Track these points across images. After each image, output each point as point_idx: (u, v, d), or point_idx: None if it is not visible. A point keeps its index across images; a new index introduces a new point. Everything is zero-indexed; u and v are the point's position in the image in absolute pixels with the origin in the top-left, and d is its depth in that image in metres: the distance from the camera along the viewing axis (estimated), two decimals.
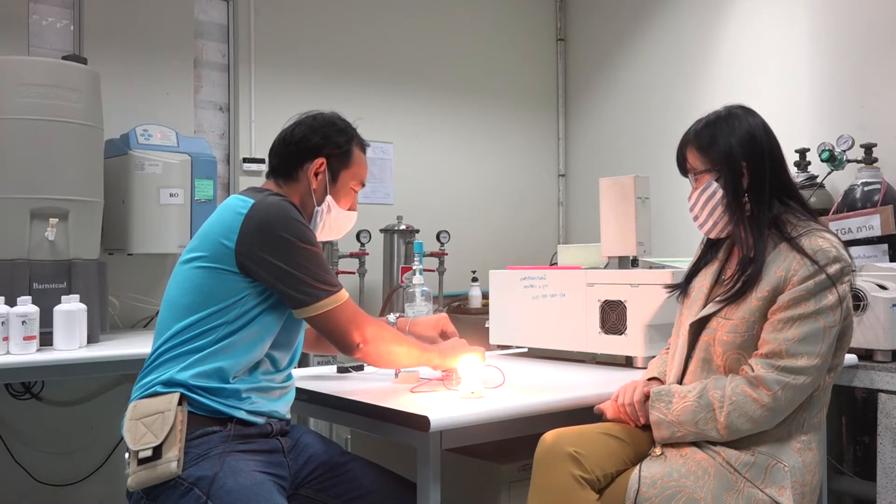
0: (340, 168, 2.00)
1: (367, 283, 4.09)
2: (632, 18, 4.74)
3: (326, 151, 1.98)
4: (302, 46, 4.16)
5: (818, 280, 1.71)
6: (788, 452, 1.74)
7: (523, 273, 2.71)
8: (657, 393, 1.82)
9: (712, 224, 1.89)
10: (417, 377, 2.10)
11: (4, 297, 2.65)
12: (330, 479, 1.89)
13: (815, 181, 3.29)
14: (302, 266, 1.79)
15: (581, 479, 1.71)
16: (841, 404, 3.07)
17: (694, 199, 1.91)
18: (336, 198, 2.01)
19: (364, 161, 2.06)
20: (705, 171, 1.88)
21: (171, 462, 1.65)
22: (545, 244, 4.97)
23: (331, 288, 1.82)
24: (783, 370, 1.71)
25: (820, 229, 1.80)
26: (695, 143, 1.90)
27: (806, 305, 1.72)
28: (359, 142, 2.05)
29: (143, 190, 3.25)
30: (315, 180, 1.97)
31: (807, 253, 1.74)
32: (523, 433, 1.86)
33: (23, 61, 2.99)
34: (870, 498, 2.63)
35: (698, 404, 1.75)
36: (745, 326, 1.78)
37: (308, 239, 1.82)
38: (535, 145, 5.12)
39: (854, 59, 3.52)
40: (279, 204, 1.83)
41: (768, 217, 1.82)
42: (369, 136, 2.16)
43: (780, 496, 1.69)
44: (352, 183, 2.04)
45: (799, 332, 1.71)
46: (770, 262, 1.78)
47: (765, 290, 1.76)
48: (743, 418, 1.71)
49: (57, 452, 3.40)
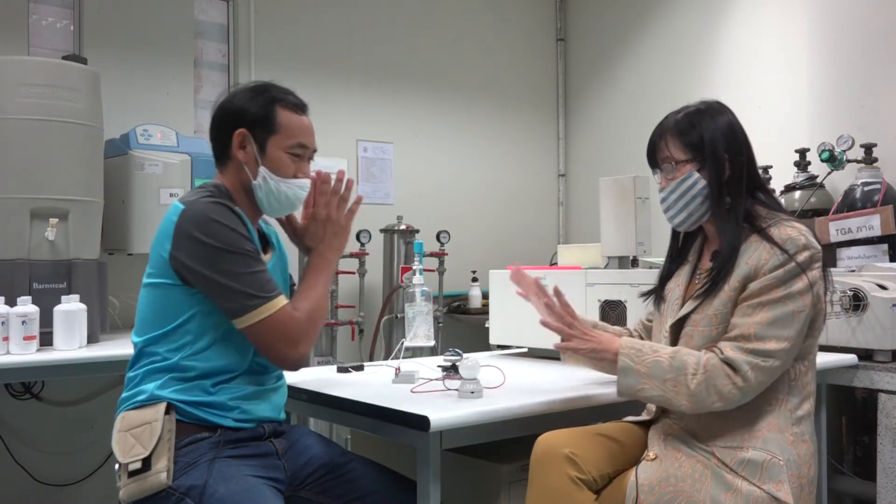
0: (266, 135, 1.84)
1: (367, 283, 4.09)
2: (632, 18, 4.74)
3: (245, 119, 1.83)
4: (302, 46, 4.17)
5: (788, 268, 1.73)
6: (782, 446, 1.73)
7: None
8: (628, 341, 1.82)
9: (686, 216, 1.87)
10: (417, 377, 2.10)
11: (4, 297, 2.65)
12: (330, 481, 1.87)
13: (815, 181, 3.29)
14: (227, 273, 1.70)
15: (577, 479, 1.71)
16: (841, 404, 3.07)
17: (670, 190, 1.87)
18: (273, 168, 1.84)
19: (298, 122, 1.87)
20: (686, 161, 1.86)
21: (160, 473, 1.64)
22: (545, 244, 4.97)
23: (261, 296, 1.71)
24: (752, 353, 1.71)
25: (788, 219, 1.82)
26: (675, 131, 1.87)
27: (776, 292, 1.73)
28: (285, 103, 1.86)
29: (143, 190, 3.24)
30: (242, 153, 1.84)
31: (776, 242, 1.75)
32: (523, 433, 1.86)
33: (23, 61, 2.99)
34: (870, 498, 2.63)
35: (670, 364, 1.74)
36: (719, 319, 1.79)
37: (233, 243, 1.71)
38: (535, 145, 5.12)
39: (854, 59, 3.52)
40: (203, 206, 1.74)
41: (743, 210, 1.83)
42: (369, 136, 2.14)
43: (779, 491, 1.68)
44: (287, 148, 1.86)
45: (768, 316, 1.72)
46: (741, 254, 1.79)
47: (736, 282, 1.77)
48: (713, 391, 1.70)
49: (57, 452, 3.40)
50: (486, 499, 2.07)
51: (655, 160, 1.93)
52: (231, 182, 1.88)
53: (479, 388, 1.88)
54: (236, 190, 1.87)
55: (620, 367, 1.79)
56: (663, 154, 1.90)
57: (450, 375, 2.03)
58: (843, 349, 2.60)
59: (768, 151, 3.71)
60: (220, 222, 1.72)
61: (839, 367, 2.54)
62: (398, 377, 2.12)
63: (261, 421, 1.82)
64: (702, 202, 1.85)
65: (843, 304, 2.56)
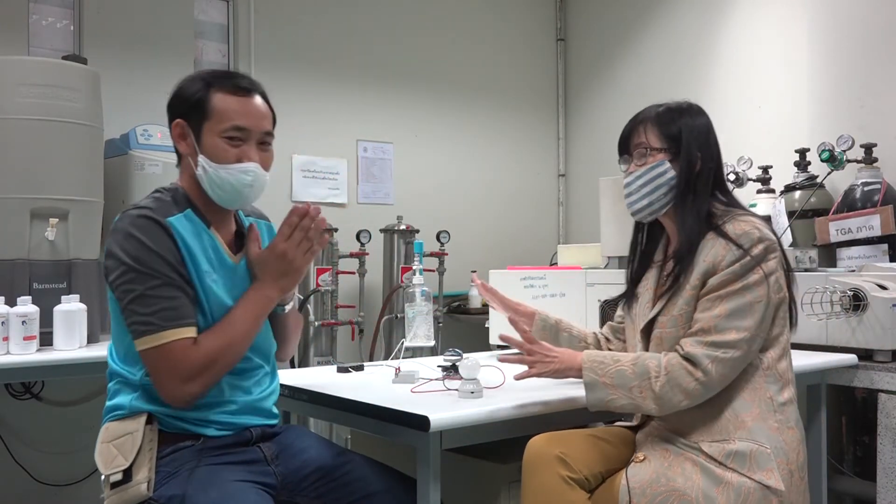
0: (200, 122, 1.74)
1: (367, 283, 4.09)
2: (632, 18, 4.74)
3: (180, 109, 1.75)
4: (302, 46, 4.17)
5: (744, 262, 1.75)
6: (768, 434, 1.74)
7: (523, 273, 2.71)
8: (590, 354, 1.82)
9: (647, 203, 1.88)
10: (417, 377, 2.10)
11: (4, 297, 2.65)
12: (326, 485, 1.82)
13: (815, 181, 3.29)
14: (129, 292, 1.63)
15: (569, 479, 1.72)
16: (841, 404, 3.07)
17: (637, 175, 1.88)
18: (210, 155, 1.73)
19: (234, 103, 1.74)
20: (660, 149, 1.87)
21: (140, 484, 1.62)
22: (545, 244, 4.97)
23: (154, 323, 1.62)
24: (712, 345, 1.73)
25: (742, 214, 1.84)
26: (655, 121, 1.89)
27: (733, 285, 1.75)
28: (219, 86, 1.75)
29: (143, 190, 3.20)
30: (184, 144, 1.76)
31: (731, 238, 1.77)
32: (523, 433, 1.85)
33: (23, 61, 2.99)
34: (870, 498, 2.63)
35: (633, 370, 1.76)
36: (684, 319, 1.81)
37: (143, 261, 1.63)
38: (535, 145, 5.12)
39: (854, 59, 3.51)
40: (129, 220, 1.67)
41: (705, 209, 1.85)
42: (369, 136, 2.13)
43: (769, 479, 1.69)
44: (221, 133, 1.73)
45: (726, 308, 1.74)
46: (699, 252, 1.81)
47: (696, 279, 1.79)
48: (676, 390, 1.72)
49: (57, 452, 3.40)
50: (486, 499, 2.07)
51: (628, 146, 1.93)
52: (187, 180, 1.80)
53: (479, 388, 1.88)
54: (192, 188, 1.79)
55: (586, 383, 1.79)
56: (638, 140, 1.91)
57: (450, 375, 2.03)
58: (843, 349, 2.60)
59: (768, 151, 3.72)
60: (136, 238, 1.64)
61: (839, 367, 2.54)
62: (398, 377, 2.12)
63: (246, 425, 1.80)
64: (666, 192, 1.87)
65: (843, 304, 2.56)
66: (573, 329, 2.13)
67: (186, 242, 1.71)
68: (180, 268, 1.69)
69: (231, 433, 1.77)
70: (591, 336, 2.14)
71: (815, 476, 2.53)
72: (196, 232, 1.75)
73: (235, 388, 1.79)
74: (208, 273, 1.74)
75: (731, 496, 1.68)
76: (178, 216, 1.73)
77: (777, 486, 1.69)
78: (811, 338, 2.67)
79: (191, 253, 1.72)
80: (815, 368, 2.49)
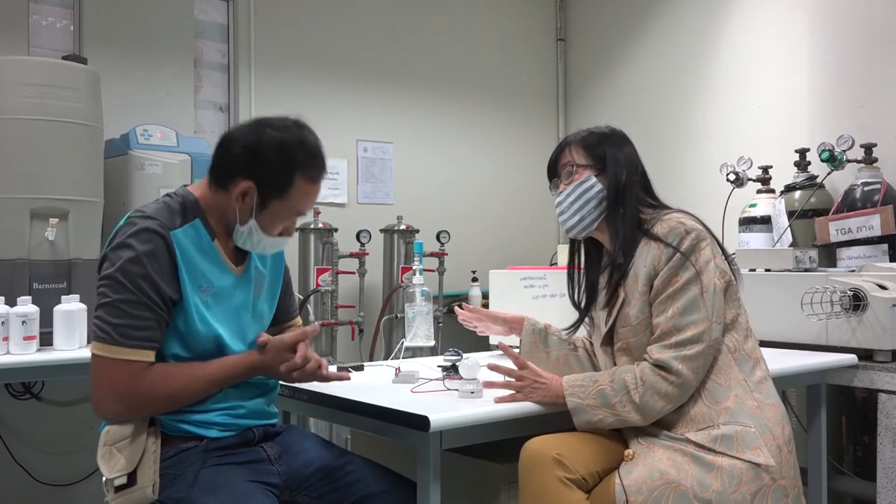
0: (273, 198, 1.74)
1: (367, 283, 4.09)
2: (632, 18, 4.74)
3: (258, 178, 1.72)
4: (302, 46, 4.17)
5: (676, 258, 1.80)
6: (749, 414, 1.77)
7: (523, 273, 2.71)
8: (570, 380, 1.84)
9: (579, 219, 1.93)
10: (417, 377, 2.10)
11: (4, 297, 2.65)
12: (327, 486, 1.84)
13: (815, 181, 3.29)
14: (102, 295, 1.64)
15: (566, 480, 1.73)
16: (841, 404, 3.07)
17: (566, 194, 1.94)
18: (263, 224, 1.76)
19: (311, 190, 1.77)
20: (586, 166, 1.94)
21: (146, 488, 1.63)
22: (545, 244, 4.97)
23: (109, 335, 1.62)
24: (676, 346, 1.77)
25: (667, 212, 1.90)
26: (580, 142, 1.97)
27: (675, 281, 1.80)
28: (307, 174, 1.75)
29: (143, 190, 3.24)
30: (240, 202, 1.74)
31: (660, 238, 1.83)
32: (523, 433, 1.86)
33: (23, 61, 2.99)
34: (870, 498, 2.63)
35: (612, 387, 1.79)
36: (643, 326, 1.84)
37: (126, 272, 1.62)
38: (535, 145, 5.11)
39: (854, 59, 3.51)
40: (132, 229, 1.67)
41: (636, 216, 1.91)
42: (369, 135, 2.12)
43: (758, 457, 1.73)
44: (288, 214, 1.79)
45: (677, 307, 1.78)
46: (637, 258, 1.86)
47: (643, 286, 1.84)
48: (656, 396, 1.76)
49: (57, 452, 3.40)
50: (486, 499, 2.08)
51: (556, 169, 2.01)
52: (212, 203, 1.78)
53: (479, 388, 1.88)
54: (212, 209, 1.78)
55: (571, 409, 1.81)
56: (564, 160, 1.98)
57: (450, 375, 2.03)
58: (843, 349, 2.60)
59: (768, 151, 3.72)
60: (131, 249, 1.64)
61: (839, 367, 2.54)
62: (398, 377, 2.12)
63: (249, 426, 1.81)
64: (596, 206, 1.92)
65: (843, 304, 2.56)
66: (561, 333, 2.16)
67: (187, 254, 1.72)
68: (168, 287, 1.68)
69: (234, 434, 1.78)
70: (579, 341, 2.16)
71: (815, 476, 2.53)
72: (199, 243, 1.75)
73: (237, 389, 1.80)
74: (205, 287, 1.75)
75: (724, 479, 1.70)
76: (184, 227, 1.73)
77: (767, 463, 1.73)
78: (811, 338, 2.67)
79: (189, 265, 1.72)
80: (815, 368, 2.49)
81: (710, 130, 4.26)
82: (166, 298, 1.68)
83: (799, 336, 2.69)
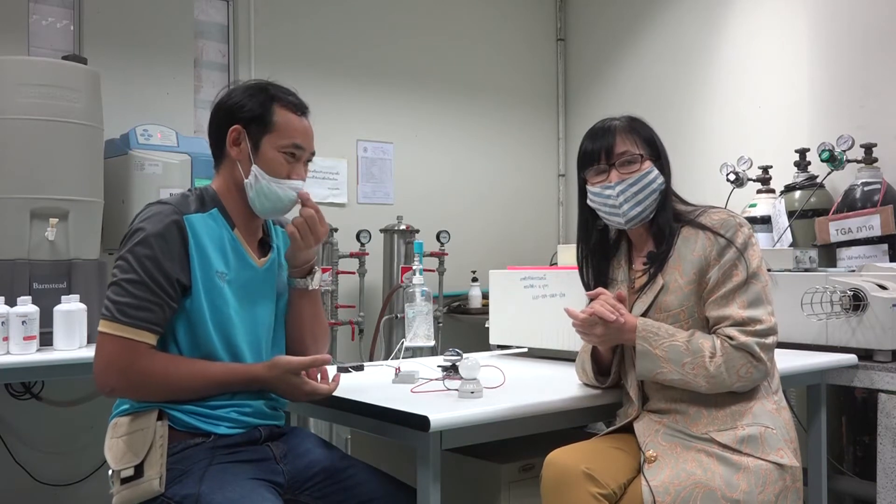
0: (261, 134, 1.80)
1: (367, 283, 4.09)
2: (632, 18, 4.74)
3: (240, 116, 1.79)
4: (302, 46, 4.17)
5: (733, 252, 1.80)
6: (771, 416, 1.79)
7: (523, 273, 2.71)
8: (645, 323, 1.82)
9: (640, 210, 1.91)
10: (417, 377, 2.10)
11: (4, 297, 2.65)
12: (330, 486, 1.84)
13: (815, 181, 3.29)
14: (113, 275, 1.71)
15: (599, 496, 1.70)
16: (841, 404, 3.07)
17: (630, 183, 1.90)
18: (265, 167, 1.80)
19: (296, 122, 1.83)
20: (645, 156, 1.93)
21: (153, 480, 1.63)
22: (545, 244, 4.97)
23: (113, 314, 1.67)
24: (755, 334, 1.77)
25: (709, 207, 1.92)
26: (628, 129, 1.95)
27: (736, 276, 1.80)
28: (283, 102, 1.82)
29: (143, 190, 3.24)
30: (236, 150, 1.80)
31: (711, 228, 1.83)
32: (523, 433, 1.86)
33: (23, 61, 2.99)
34: (870, 498, 2.63)
35: (687, 347, 1.78)
36: (686, 314, 1.84)
37: (139, 256, 1.68)
38: (535, 145, 5.12)
39: (854, 59, 3.51)
40: (153, 217, 1.72)
41: (673, 208, 1.92)
42: (369, 135, 2.13)
43: (782, 458, 1.74)
44: (281, 148, 1.81)
45: (744, 300, 1.79)
46: (681, 247, 1.85)
47: (691, 274, 1.83)
48: (732, 372, 1.76)
49: (57, 452, 3.40)
50: (486, 499, 2.07)
51: (610, 156, 1.94)
52: (224, 182, 1.84)
53: (479, 388, 1.88)
54: (228, 190, 1.83)
55: (639, 351, 1.81)
56: (622, 149, 1.93)
57: (450, 375, 2.03)
58: (843, 349, 2.60)
59: (768, 151, 3.72)
60: (142, 230, 1.70)
61: (839, 367, 2.54)
62: (398, 377, 2.12)
63: (256, 425, 1.81)
64: (656, 198, 1.92)
65: (843, 304, 2.56)
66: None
67: (201, 241, 1.75)
68: (177, 269, 1.70)
69: (242, 431, 1.78)
70: None
71: (815, 476, 2.53)
72: (217, 231, 1.79)
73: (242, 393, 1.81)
74: (222, 273, 1.77)
75: (751, 480, 1.71)
76: (201, 214, 1.78)
77: (791, 464, 1.75)
78: (811, 338, 2.67)
79: (203, 252, 1.74)
80: (815, 368, 2.48)
81: (710, 130, 4.26)
82: (173, 281, 1.70)
83: (799, 336, 2.69)
